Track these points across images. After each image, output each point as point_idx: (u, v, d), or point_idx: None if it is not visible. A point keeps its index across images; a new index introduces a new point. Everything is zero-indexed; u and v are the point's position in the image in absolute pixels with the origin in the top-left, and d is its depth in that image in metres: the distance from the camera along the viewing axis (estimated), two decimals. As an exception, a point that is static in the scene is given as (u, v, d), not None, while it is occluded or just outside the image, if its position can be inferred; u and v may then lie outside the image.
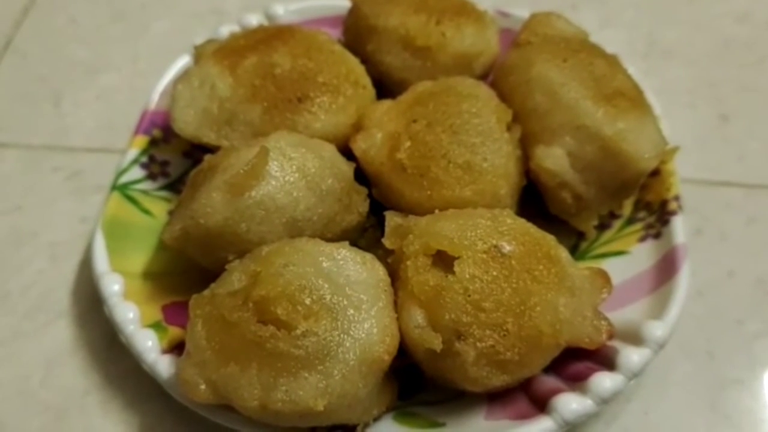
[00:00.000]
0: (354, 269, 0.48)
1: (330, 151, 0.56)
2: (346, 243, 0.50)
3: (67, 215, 0.68)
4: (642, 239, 0.59)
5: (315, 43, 0.62)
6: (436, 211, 0.52)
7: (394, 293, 0.49)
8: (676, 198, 0.59)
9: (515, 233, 0.50)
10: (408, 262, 0.49)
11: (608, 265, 0.57)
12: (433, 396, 0.53)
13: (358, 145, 0.57)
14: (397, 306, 0.49)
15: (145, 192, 0.63)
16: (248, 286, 0.47)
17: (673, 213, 0.58)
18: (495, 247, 0.49)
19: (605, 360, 0.50)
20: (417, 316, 0.48)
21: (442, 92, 0.58)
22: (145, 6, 0.87)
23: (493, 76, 0.64)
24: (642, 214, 0.60)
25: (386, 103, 0.60)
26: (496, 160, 0.55)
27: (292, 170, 0.52)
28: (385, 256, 0.51)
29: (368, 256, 0.49)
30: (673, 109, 0.70)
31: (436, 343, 0.46)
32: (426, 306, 0.48)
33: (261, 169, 0.51)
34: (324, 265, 0.47)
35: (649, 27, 0.82)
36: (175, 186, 0.64)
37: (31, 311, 0.61)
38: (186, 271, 0.57)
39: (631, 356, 0.50)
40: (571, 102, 0.55)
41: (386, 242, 0.51)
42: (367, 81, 0.62)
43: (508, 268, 0.48)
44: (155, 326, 0.53)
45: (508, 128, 0.57)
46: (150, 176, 0.64)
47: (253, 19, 0.72)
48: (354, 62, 0.62)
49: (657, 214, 0.59)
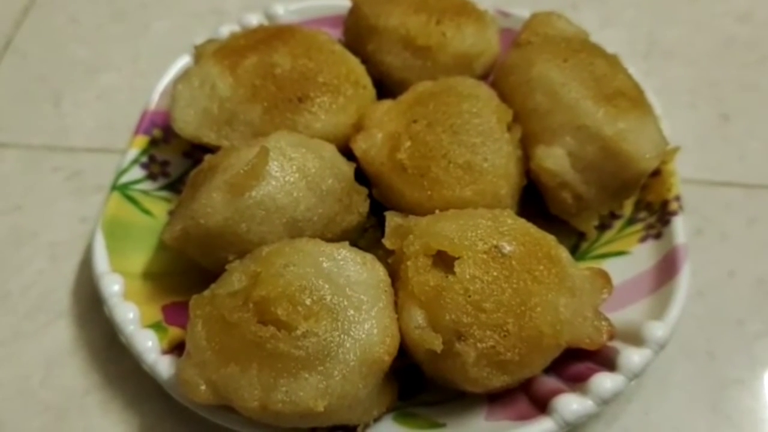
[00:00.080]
0: (354, 270, 0.48)
1: (330, 151, 0.56)
2: (346, 243, 0.50)
3: (67, 215, 0.68)
4: (642, 239, 0.59)
5: (315, 43, 0.61)
6: (437, 212, 0.52)
7: (395, 294, 0.49)
8: (677, 198, 0.59)
9: (516, 233, 0.50)
10: (408, 263, 0.49)
11: (609, 265, 0.57)
12: (434, 396, 0.53)
13: (359, 145, 0.57)
14: (397, 306, 0.49)
15: (145, 192, 0.63)
16: (248, 286, 0.47)
17: (673, 213, 0.58)
18: (495, 247, 0.49)
19: (606, 360, 0.50)
20: (417, 317, 0.48)
21: (442, 92, 0.58)
22: (146, 6, 0.87)
23: (494, 76, 0.64)
24: (642, 214, 0.60)
25: (386, 103, 0.60)
26: (496, 160, 0.55)
27: (292, 170, 0.52)
28: (385, 256, 0.51)
29: (368, 257, 0.49)
30: (674, 109, 0.70)
31: (437, 343, 0.46)
32: (426, 306, 0.48)
33: (261, 169, 0.51)
34: (324, 265, 0.47)
35: (649, 27, 0.82)
36: (175, 186, 0.64)
37: (31, 311, 0.61)
38: (186, 272, 0.57)
39: (631, 357, 0.50)
40: (572, 102, 0.55)
41: (386, 242, 0.51)
42: (367, 81, 0.62)
43: (509, 268, 0.48)
44: (155, 326, 0.53)
45: (509, 128, 0.57)
46: (150, 176, 0.64)
47: (254, 19, 0.72)
48: (354, 62, 0.62)
49: (658, 215, 0.59)
